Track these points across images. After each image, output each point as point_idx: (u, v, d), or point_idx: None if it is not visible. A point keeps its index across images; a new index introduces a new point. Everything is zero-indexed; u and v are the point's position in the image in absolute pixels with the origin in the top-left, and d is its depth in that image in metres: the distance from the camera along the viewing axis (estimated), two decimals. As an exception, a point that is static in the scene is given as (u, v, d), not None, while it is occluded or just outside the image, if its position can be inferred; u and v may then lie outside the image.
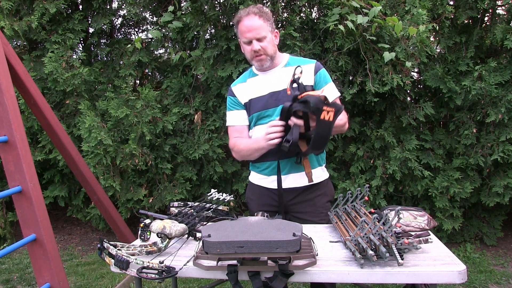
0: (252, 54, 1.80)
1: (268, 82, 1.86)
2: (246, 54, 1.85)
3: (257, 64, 1.84)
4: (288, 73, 1.81)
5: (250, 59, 1.85)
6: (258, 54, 1.79)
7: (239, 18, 1.80)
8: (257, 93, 1.86)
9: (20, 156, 1.94)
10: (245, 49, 1.84)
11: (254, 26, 1.75)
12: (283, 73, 1.85)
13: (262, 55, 1.80)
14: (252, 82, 1.90)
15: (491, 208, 3.38)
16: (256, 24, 1.75)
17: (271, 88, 1.84)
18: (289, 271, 1.32)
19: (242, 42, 1.84)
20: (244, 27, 1.77)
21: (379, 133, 3.23)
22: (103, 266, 3.40)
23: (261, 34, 1.76)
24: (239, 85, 1.94)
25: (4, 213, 3.93)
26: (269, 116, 1.83)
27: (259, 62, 1.82)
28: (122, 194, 3.50)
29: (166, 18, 3.20)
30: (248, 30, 1.76)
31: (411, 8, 2.99)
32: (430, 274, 1.30)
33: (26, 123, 3.64)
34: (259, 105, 1.85)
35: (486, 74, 3.06)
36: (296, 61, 1.90)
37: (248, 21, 1.76)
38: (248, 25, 1.76)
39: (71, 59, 3.57)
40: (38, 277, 1.87)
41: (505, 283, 2.91)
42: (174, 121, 3.40)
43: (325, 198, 1.92)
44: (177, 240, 1.65)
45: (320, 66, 1.88)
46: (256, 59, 1.82)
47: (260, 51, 1.78)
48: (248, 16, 1.76)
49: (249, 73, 1.95)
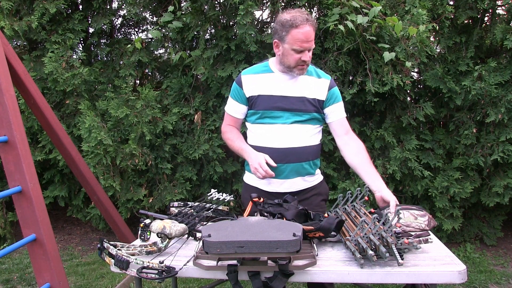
0: (298, 62, 1.76)
1: (283, 84, 1.83)
2: (291, 60, 1.76)
3: (298, 72, 1.81)
4: (304, 82, 1.83)
5: (293, 66, 1.79)
6: (303, 64, 1.77)
7: (295, 22, 1.69)
8: (268, 91, 1.83)
9: (20, 156, 1.94)
10: (291, 55, 1.75)
11: (311, 37, 1.72)
12: (298, 81, 1.84)
13: (306, 65, 1.79)
14: (266, 78, 1.86)
15: (491, 208, 3.38)
16: (312, 35, 1.73)
17: (283, 91, 1.82)
18: (289, 271, 1.32)
19: (289, 48, 1.74)
20: (301, 35, 1.70)
21: (379, 133, 3.23)
22: (103, 266, 3.40)
23: (313, 46, 1.76)
24: (251, 76, 1.88)
25: (4, 213, 3.93)
26: (275, 117, 1.82)
27: (301, 71, 1.80)
28: (122, 194, 3.49)
29: (166, 18, 3.20)
30: (306, 39, 1.71)
31: (411, 8, 2.99)
32: (430, 274, 1.30)
33: (26, 123, 3.64)
34: (268, 104, 1.82)
35: (486, 74, 3.06)
36: (313, 72, 1.88)
37: (307, 29, 1.70)
38: (308, 34, 1.71)
39: (71, 59, 3.57)
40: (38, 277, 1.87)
41: (505, 283, 2.91)
42: (174, 121, 3.40)
43: (320, 197, 1.94)
44: (177, 240, 1.65)
45: (334, 84, 1.90)
46: (299, 67, 1.79)
47: (308, 62, 1.77)
48: (307, 24, 1.70)
49: (265, 66, 1.89)
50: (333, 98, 1.87)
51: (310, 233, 1.52)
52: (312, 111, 1.83)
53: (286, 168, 1.82)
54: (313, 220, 1.62)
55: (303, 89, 1.83)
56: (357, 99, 3.20)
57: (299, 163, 1.83)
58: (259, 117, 1.85)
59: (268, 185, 1.86)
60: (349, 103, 3.21)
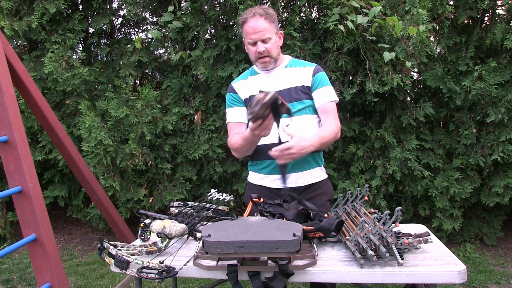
0: (256, 56, 1.82)
1: (269, 81, 1.88)
2: (250, 55, 1.87)
3: (260, 65, 1.86)
4: (288, 74, 1.85)
5: (254, 60, 1.87)
6: (262, 56, 1.81)
7: (244, 18, 1.81)
8: (257, 90, 1.87)
9: (20, 156, 1.94)
10: (250, 50, 1.85)
11: (259, 27, 1.77)
12: (284, 74, 1.88)
13: (266, 57, 1.82)
14: (254, 80, 1.92)
15: (491, 208, 3.38)
16: (261, 26, 1.77)
17: (274, 87, 1.84)
18: (289, 271, 1.32)
19: (246, 43, 1.86)
20: (249, 28, 1.78)
21: (379, 133, 3.23)
22: (103, 266, 3.40)
23: (266, 35, 1.78)
24: (240, 81, 1.96)
25: (4, 213, 3.93)
26: None
27: (262, 64, 1.84)
28: (122, 194, 3.50)
29: (166, 18, 3.20)
30: (253, 31, 1.77)
31: (411, 8, 2.99)
32: (430, 274, 1.30)
33: (26, 123, 3.64)
34: None
35: (486, 74, 3.06)
36: (297, 63, 1.91)
37: (253, 22, 1.77)
38: (254, 26, 1.77)
39: (71, 59, 3.57)
40: (38, 277, 1.88)
41: (505, 283, 2.91)
42: (174, 121, 3.40)
43: (325, 197, 1.92)
44: (177, 240, 1.65)
45: (320, 70, 1.89)
46: (260, 61, 1.83)
47: (264, 53, 1.80)
48: (254, 17, 1.77)
49: (251, 71, 1.97)
50: (318, 82, 1.86)
51: (310, 233, 1.52)
52: (304, 99, 1.84)
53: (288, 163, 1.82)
54: (313, 220, 1.62)
55: (291, 80, 1.86)
56: (357, 99, 3.20)
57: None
58: None
59: (273, 182, 1.87)
60: (349, 103, 3.21)
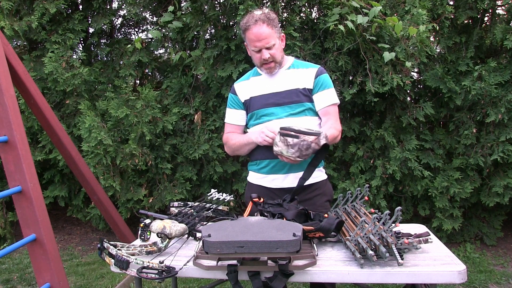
0: (261, 62, 1.82)
1: (271, 82, 1.88)
2: (255, 60, 1.86)
3: (265, 71, 1.86)
4: (291, 76, 1.86)
5: (258, 65, 1.87)
6: (267, 62, 1.81)
7: (246, 25, 1.78)
8: (259, 91, 1.89)
9: (20, 156, 1.94)
10: (254, 56, 1.84)
11: (263, 35, 1.75)
12: (286, 75, 1.88)
13: (271, 62, 1.81)
14: (256, 80, 1.93)
15: (491, 208, 3.38)
16: (265, 33, 1.75)
17: (273, 88, 1.87)
18: (289, 271, 1.32)
19: (250, 49, 1.84)
20: (253, 35, 1.76)
21: (379, 133, 3.23)
22: (103, 266, 3.40)
23: (270, 42, 1.77)
24: (242, 82, 1.97)
25: (4, 213, 3.93)
26: (269, 115, 1.85)
27: (268, 69, 1.85)
28: (122, 194, 3.49)
29: (166, 18, 3.20)
30: (257, 39, 1.76)
31: (411, 8, 2.99)
32: (430, 274, 1.30)
33: (26, 123, 3.64)
34: (260, 103, 1.87)
35: (486, 74, 3.06)
36: (300, 64, 1.91)
37: (256, 29, 1.75)
38: (257, 33, 1.75)
39: (71, 59, 3.57)
40: (38, 277, 1.87)
41: (505, 283, 2.91)
42: (174, 121, 3.40)
43: (324, 197, 1.93)
44: (177, 240, 1.65)
45: (323, 72, 1.89)
46: (265, 66, 1.83)
47: (269, 59, 1.80)
48: (257, 24, 1.74)
49: (253, 72, 1.97)
50: (319, 85, 1.85)
51: (310, 233, 1.52)
52: (304, 101, 1.84)
53: (287, 163, 1.82)
54: (313, 220, 1.62)
55: (293, 81, 1.86)
56: (357, 99, 3.20)
57: None
58: (256, 118, 1.89)
59: (272, 182, 1.87)
60: (349, 103, 3.21)
